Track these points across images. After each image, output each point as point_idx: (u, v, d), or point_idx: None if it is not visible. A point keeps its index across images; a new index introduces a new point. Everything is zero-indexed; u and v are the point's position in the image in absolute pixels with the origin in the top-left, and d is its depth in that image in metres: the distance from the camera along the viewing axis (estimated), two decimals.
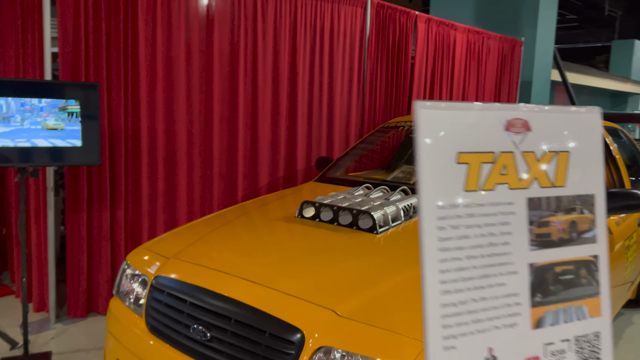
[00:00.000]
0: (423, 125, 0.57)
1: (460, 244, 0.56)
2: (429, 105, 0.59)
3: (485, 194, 0.57)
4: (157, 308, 2.03)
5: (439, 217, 0.56)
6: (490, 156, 0.57)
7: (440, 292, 0.55)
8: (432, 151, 0.55)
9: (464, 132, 0.56)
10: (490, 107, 0.60)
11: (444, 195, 0.55)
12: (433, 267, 0.55)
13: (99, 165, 2.85)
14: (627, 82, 12.87)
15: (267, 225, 2.45)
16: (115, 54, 3.36)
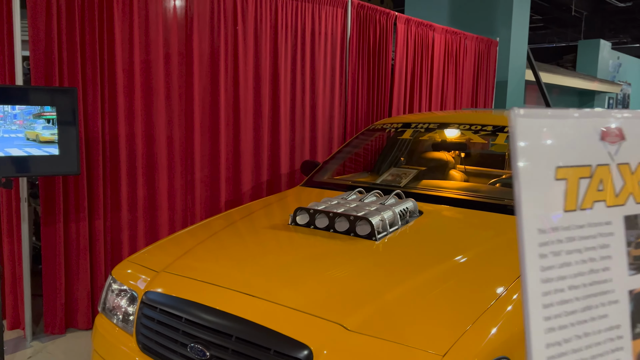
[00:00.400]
0: (520, 137, 0.51)
1: (562, 273, 0.50)
2: (526, 113, 0.52)
3: (584, 213, 0.51)
4: (149, 326, 1.92)
5: (540, 244, 0.50)
6: (588, 170, 0.51)
7: (545, 331, 0.49)
8: (531, 167, 0.49)
9: (561, 143, 0.50)
10: (587, 115, 0.54)
11: (544, 218, 0.48)
12: (536, 302, 0.49)
13: (79, 174, 2.71)
14: (593, 80, 13.17)
15: (260, 234, 2.35)
16: (91, 57, 3.21)
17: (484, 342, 1.53)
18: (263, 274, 1.92)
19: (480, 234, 2.29)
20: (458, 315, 1.62)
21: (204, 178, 3.84)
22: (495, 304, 1.69)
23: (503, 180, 3.13)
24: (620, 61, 15.95)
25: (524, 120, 0.51)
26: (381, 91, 5.11)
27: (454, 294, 1.75)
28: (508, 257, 2.05)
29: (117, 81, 3.32)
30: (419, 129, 3.38)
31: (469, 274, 1.89)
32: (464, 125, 3.26)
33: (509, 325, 1.63)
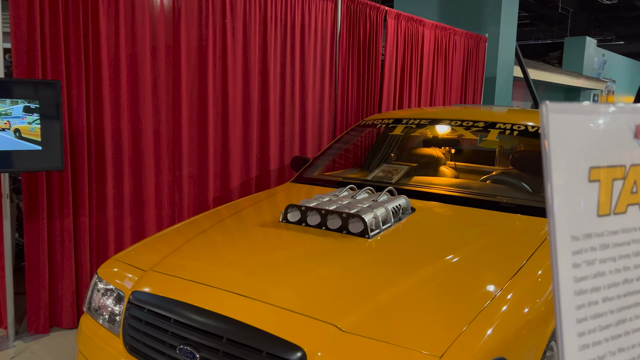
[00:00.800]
0: (553, 134, 0.46)
1: (596, 284, 0.47)
2: (559, 107, 0.47)
3: (617, 218, 0.47)
4: (136, 327, 1.86)
5: (573, 252, 0.46)
6: (622, 171, 0.47)
7: (579, 348, 0.45)
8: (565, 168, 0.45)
9: (594, 141, 0.46)
10: (621, 110, 0.50)
11: (577, 223, 0.45)
12: (570, 317, 0.45)
13: (62, 170, 2.63)
14: (579, 77, 13.27)
15: (251, 232, 2.30)
16: (75, 49, 3.12)
17: (481, 342, 1.50)
18: (254, 273, 1.88)
19: (473, 232, 2.27)
20: (454, 315, 1.59)
21: (191, 174, 3.77)
22: (490, 304, 1.66)
23: (494, 177, 3.11)
24: (605, 58, 16.10)
25: (557, 116, 0.46)
26: (371, 86, 5.07)
27: (449, 293, 1.72)
28: (502, 255, 2.03)
29: (102, 75, 3.24)
30: (410, 124, 3.34)
31: (464, 273, 1.87)
32: (456, 121, 3.24)
33: (505, 326, 1.61)
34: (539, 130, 3.00)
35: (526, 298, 1.77)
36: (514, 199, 2.65)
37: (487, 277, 1.85)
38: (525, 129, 3.03)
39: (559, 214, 0.46)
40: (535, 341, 1.73)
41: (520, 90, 11.68)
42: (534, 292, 1.83)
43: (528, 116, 3.24)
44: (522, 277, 1.87)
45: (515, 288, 1.79)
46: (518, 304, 1.72)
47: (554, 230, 0.47)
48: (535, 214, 2.48)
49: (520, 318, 1.68)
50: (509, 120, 3.15)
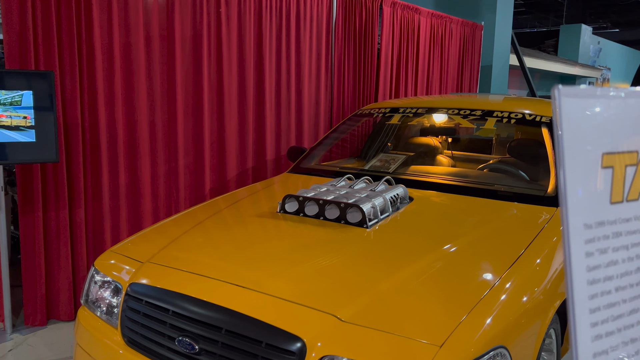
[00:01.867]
0: (566, 119, 0.45)
1: (609, 272, 0.45)
2: (571, 91, 0.46)
3: (630, 205, 0.46)
4: (134, 318, 1.85)
5: (586, 241, 0.45)
6: (634, 157, 0.46)
7: (592, 339, 0.44)
8: (577, 154, 0.43)
9: (606, 127, 0.44)
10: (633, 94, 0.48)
11: (590, 211, 0.43)
12: (583, 307, 0.44)
13: (57, 162, 2.60)
14: (575, 65, 13.25)
15: (248, 222, 2.29)
16: (68, 39, 3.08)
17: (480, 331, 1.50)
18: (252, 264, 1.87)
19: (471, 221, 2.26)
20: (453, 304, 1.59)
21: (187, 165, 3.75)
22: (489, 293, 1.66)
23: (492, 165, 3.11)
24: (600, 46, 16.09)
25: (570, 101, 0.45)
26: (367, 75, 5.04)
27: (448, 282, 1.72)
28: (500, 244, 2.02)
29: (96, 65, 3.20)
30: (407, 113, 3.33)
31: (462, 262, 1.86)
32: (453, 109, 3.22)
33: (504, 315, 1.60)
34: (536, 119, 2.99)
35: (525, 287, 1.77)
36: (512, 187, 2.64)
37: (486, 266, 1.84)
38: (522, 117, 3.02)
39: (572, 201, 0.45)
40: (535, 329, 1.73)
41: (515, 79, 11.66)
42: (533, 280, 1.83)
43: (525, 104, 3.23)
44: (521, 265, 1.87)
45: (514, 277, 1.78)
46: (517, 293, 1.72)
47: (567, 218, 0.45)
48: (533, 202, 2.48)
49: (520, 307, 1.68)
50: (506, 109, 3.14)
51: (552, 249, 2.08)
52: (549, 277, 1.91)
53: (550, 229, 2.20)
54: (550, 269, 1.96)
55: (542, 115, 3.02)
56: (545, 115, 3.03)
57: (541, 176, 2.85)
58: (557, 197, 2.51)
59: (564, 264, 0.44)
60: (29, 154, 2.47)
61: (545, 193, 2.55)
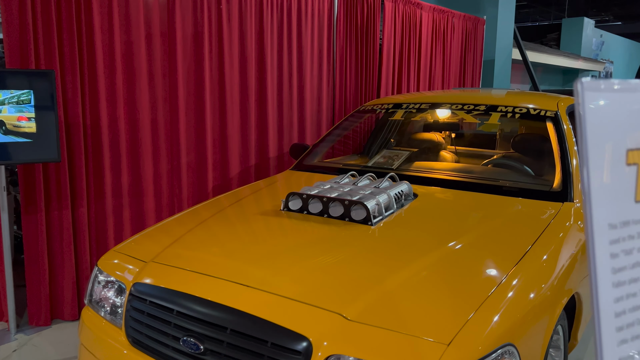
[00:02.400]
0: (589, 114, 0.43)
1: (634, 274, 0.44)
2: (596, 85, 0.44)
3: None
4: (139, 319, 1.84)
5: (611, 242, 0.43)
6: None
7: (617, 343, 0.42)
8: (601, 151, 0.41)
9: (631, 122, 0.42)
10: None
11: (615, 210, 0.42)
12: (608, 311, 0.42)
13: (59, 162, 2.59)
14: (577, 59, 13.19)
15: (252, 221, 2.28)
16: (68, 38, 3.06)
17: (488, 329, 1.49)
18: (257, 262, 1.85)
19: (476, 217, 2.24)
20: (460, 302, 1.58)
21: (190, 163, 3.73)
22: (497, 290, 1.65)
23: (496, 161, 3.09)
24: (603, 39, 16.01)
25: (594, 95, 0.43)
26: (369, 71, 5.02)
27: (455, 280, 1.70)
28: (506, 240, 2.01)
29: (97, 64, 3.19)
30: (410, 109, 3.31)
31: (469, 259, 1.85)
32: (456, 105, 3.20)
33: (511, 312, 1.59)
34: (540, 113, 2.97)
35: (532, 283, 1.75)
36: (517, 183, 2.62)
37: (492, 262, 1.83)
38: (527, 112, 3.00)
39: (596, 201, 0.43)
40: (542, 326, 1.71)
41: (518, 73, 11.61)
42: (540, 277, 1.81)
43: (529, 99, 3.21)
44: (528, 262, 1.85)
45: (521, 273, 1.77)
46: (524, 290, 1.70)
47: (591, 218, 0.44)
48: (538, 198, 2.46)
49: (527, 303, 1.66)
50: (510, 103, 3.11)
51: (559, 244, 2.06)
52: (556, 273, 1.90)
53: (556, 225, 2.19)
54: (557, 265, 1.94)
55: (546, 110, 2.99)
56: (550, 109, 3.00)
57: (546, 171, 2.83)
58: (562, 192, 2.48)
59: (588, 267, 0.42)
60: (31, 154, 2.45)
61: (550, 188, 2.53)
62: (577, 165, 2.66)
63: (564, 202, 2.42)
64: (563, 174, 2.59)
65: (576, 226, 2.27)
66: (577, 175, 2.59)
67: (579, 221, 2.32)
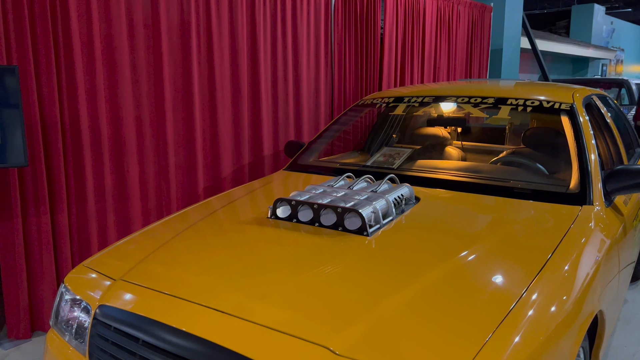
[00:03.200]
0: None
1: None
2: None
3: None
4: (103, 347, 1.62)
5: None
6: None
7: None
8: None
9: None
10: None
11: None
12: None
13: (26, 166, 2.37)
14: (588, 47, 12.84)
15: (233, 231, 2.05)
16: (43, 32, 2.84)
17: (506, 355, 1.26)
18: (236, 283, 1.63)
19: (487, 223, 2.01)
20: (471, 327, 1.34)
21: (179, 163, 3.51)
22: (515, 309, 1.41)
23: (506, 158, 2.84)
24: (613, 26, 15.62)
25: None
26: (370, 63, 4.76)
27: (464, 299, 1.47)
28: (522, 249, 1.77)
29: (74, 58, 2.96)
30: (413, 103, 3.06)
31: (480, 273, 1.61)
32: (462, 97, 2.95)
33: (533, 332, 1.36)
34: (554, 106, 2.72)
35: (554, 298, 1.52)
36: (530, 184, 2.38)
37: (507, 276, 1.59)
38: (539, 105, 2.75)
39: None
40: (566, 348, 1.48)
41: (526, 62, 11.30)
42: (562, 290, 1.58)
43: (541, 90, 2.95)
44: (548, 274, 1.62)
45: (541, 287, 1.54)
46: (546, 306, 1.47)
47: None
48: (554, 200, 2.22)
49: (550, 321, 1.43)
50: (520, 95, 2.86)
51: (580, 253, 1.83)
52: (580, 285, 1.66)
53: (577, 231, 1.95)
54: (580, 276, 1.71)
55: (561, 102, 2.74)
56: (565, 101, 2.75)
57: (561, 169, 2.59)
58: (580, 194, 2.24)
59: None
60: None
61: (566, 190, 2.29)
62: (596, 163, 2.41)
63: (583, 205, 2.18)
64: (581, 173, 2.35)
65: (598, 234, 2.03)
66: (596, 174, 2.34)
67: (600, 227, 2.08)
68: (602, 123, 2.99)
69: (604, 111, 3.16)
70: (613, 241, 2.13)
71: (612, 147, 2.97)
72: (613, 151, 2.97)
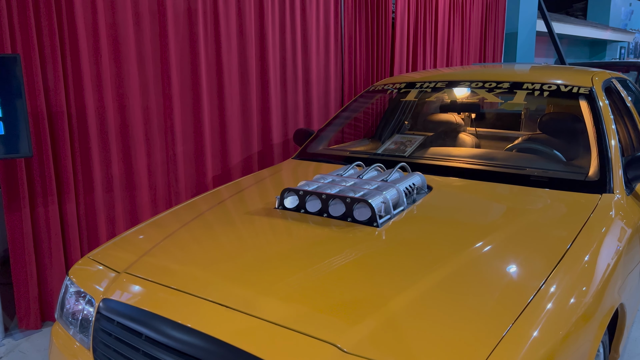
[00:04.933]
0: None
1: None
2: None
3: None
4: (106, 342, 1.59)
5: None
6: None
7: None
8: None
9: None
10: None
11: None
12: None
13: (31, 157, 2.34)
14: (606, 29, 12.53)
15: (240, 222, 2.00)
16: (47, 20, 2.79)
17: (523, 351, 1.19)
18: (242, 276, 1.58)
19: (502, 212, 1.93)
20: (487, 322, 1.28)
21: (187, 152, 3.47)
22: (532, 303, 1.35)
23: (521, 145, 2.75)
24: (632, 8, 15.21)
25: None
26: (381, 48, 4.66)
27: (479, 293, 1.41)
28: (540, 240, 1.70)
29: (79, 47, 2.91)
30: (425, 88, 2.98)
31: (495, 266, 1.54)
32: (476, 82, 2.86)
33: (551, 329, 1.29)
34: (572, 90, 2.62)
35: (573, 290, 1.46)
36: (547, 172, 2.30)
37: (524, 268, 1.53)
38: (557, 89, 2.65)
39: None
40: (586, 343, 1.41)
41: (542, 46, 11.07)
42: (582, 282, 1.51)
43: (558, 74, 2.85)
44: (567, 265, 1.55)
45: (560, 279, 1.47)
46: (565, 298, 1.41)
47: None
48: (572, 188, 2.13)
49: (570, 315, 1.37)
50: (536, 80, 2.76)
51: (600, 243, 1.75)
52: (600, 277, 1.59)
53: (596, 220, 1.87)
54: (601, 267, 1.64)
55: (580, 86, 2.64)
56: (584, 85, 2.65)
57: (580, 156, 2.49)
58: (600, 182, 2.15)
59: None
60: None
61: (585, 177, 2.20)
62: (617, 149, 2.31)
63: (603, 193, 2.09)
64: (600, 160, 2.26)
65: (618, 223, 1.94)
66: (617, 161, 2.25)
67: (620, 216, 1.99)
68: (622, 107, 2.89)
69: (624, 95, 3.05)
70: (634, 230, 2.05)
71: (632, 133, 2.86)
72: (634, 137, 2.86)
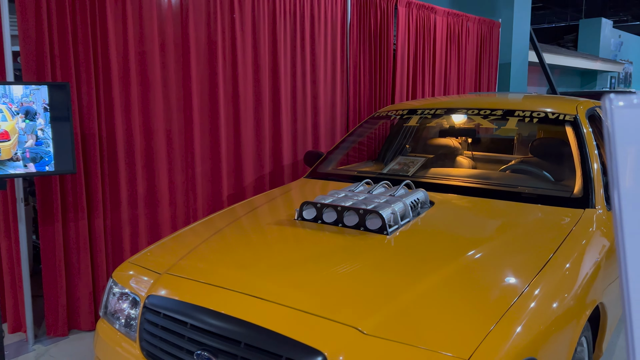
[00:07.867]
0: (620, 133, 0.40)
1: None
2: (628, 101, 0.41)
3: None
4: (153, 332, 1.83)
5: None
6: None
7: None
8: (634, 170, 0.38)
9: None
10: None
11: None
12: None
13: (75, 173, 2.60)
14: (596, 60, 12.99)
15: (266, 231, 2.26)
16: (84, 50, 3.09)
17: (510, 342, 1.44)
18: (271, 274, 1.83)
19: (495, 224, 2.19)
20: (480, 314, 1.53)
21: (205, 172, 3.74)
22: (518, 301, 1.60)
23: (514, 166, 3.03)
24: (621, 39, 15.76)
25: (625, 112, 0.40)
26: (383, 77, 4.98)
27: (474, 291, 1.66)
28: (527, 249, 1.95)
29: (111, 75, 3.21)
30: (426, 115, 3.26)
31: (488, 269, 1.80)
32: (473, 110, 3.15)
33: (534, 324, 1.54)
34: (559, 117, 2.91)
35: (555, 293, 1.70)
36: (536, 189, 2.57)
37: (513, 272, 1.78)
38: (545, 116, 2.94)
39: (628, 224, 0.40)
40: (566, 338, 1.66)
41: (534, 76, 11.48)
42: (563, 286, 1.76)
43: (547, 102, 3.15)
44: (550, 271, 1.80)
45: (543, 283, 1.72)
46: (547, 300, 1.65)
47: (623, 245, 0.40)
48: (559, 204, 2.40)
49: (550, 315, 1.61)
50: (527, 107, 3.05)
51: (582, 252, 2.01)
52: (579, 283, 1.84)
53: (578, 232, 2.13)
54: (581, 273, 1.89)
55: (565, 114, 2.93)
56: (569, 113, 2.94)
57: (566, 176, 2.77)
58: (584, 198, 2.42)
59: (619, 277, 0.39)
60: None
61: (571, 194, 2.47)
62: (599, 170, 2.59)
63: (586, 208, 2.36)
64: (584, 180, 2.53)
65: (599, 233, 2.20)
66: (598, 180, 2.53)
67: (601, 228, 2.26)
68: None
69: None
70: (614, 241, 2.31)
71: None
72: None
